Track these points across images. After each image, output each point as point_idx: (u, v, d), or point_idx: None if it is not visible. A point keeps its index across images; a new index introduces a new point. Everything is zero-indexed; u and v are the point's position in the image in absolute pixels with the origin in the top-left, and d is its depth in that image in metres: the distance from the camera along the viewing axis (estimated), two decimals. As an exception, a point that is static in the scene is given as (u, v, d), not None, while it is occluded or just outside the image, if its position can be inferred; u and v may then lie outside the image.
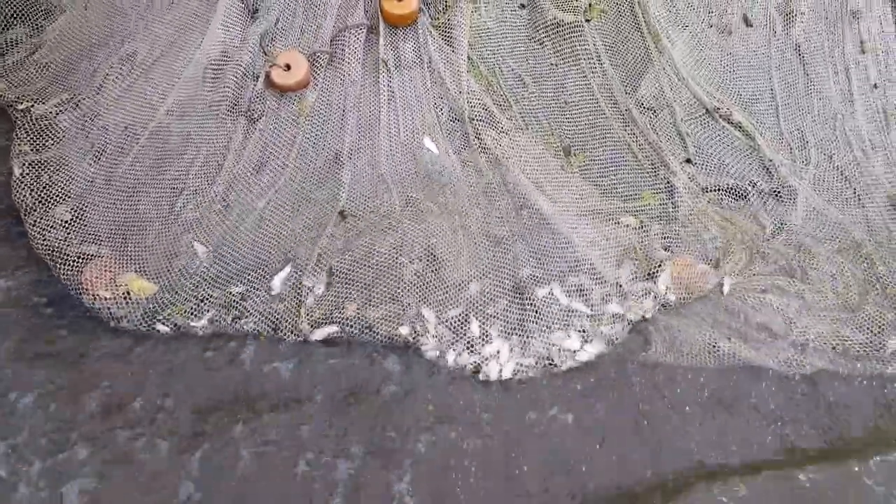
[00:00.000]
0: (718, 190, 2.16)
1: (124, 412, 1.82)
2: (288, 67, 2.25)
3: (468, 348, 1.89)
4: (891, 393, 1.93)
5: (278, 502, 1.70)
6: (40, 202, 2.10)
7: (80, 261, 2.04)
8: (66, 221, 2.10)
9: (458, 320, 1.93)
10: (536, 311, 1.93)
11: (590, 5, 2.35)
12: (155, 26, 2.36)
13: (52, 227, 2.08)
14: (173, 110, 2.24)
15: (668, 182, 2.16)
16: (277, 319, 1.93)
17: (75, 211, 2.11)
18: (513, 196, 2.14)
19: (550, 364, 1.90)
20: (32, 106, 2.24)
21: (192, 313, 1.96)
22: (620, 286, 2.00)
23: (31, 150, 2.19)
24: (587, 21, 2.34)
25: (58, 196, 2.11)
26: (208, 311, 1.96)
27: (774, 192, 2.16)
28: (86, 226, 2.10)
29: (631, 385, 1.92)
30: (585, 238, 2.07)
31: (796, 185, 2.16)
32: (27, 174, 2.12)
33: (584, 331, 1.93)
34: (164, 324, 1.96)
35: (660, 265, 2.02)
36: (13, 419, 1.79)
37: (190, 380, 1.89)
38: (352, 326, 1.91)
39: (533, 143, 2.24)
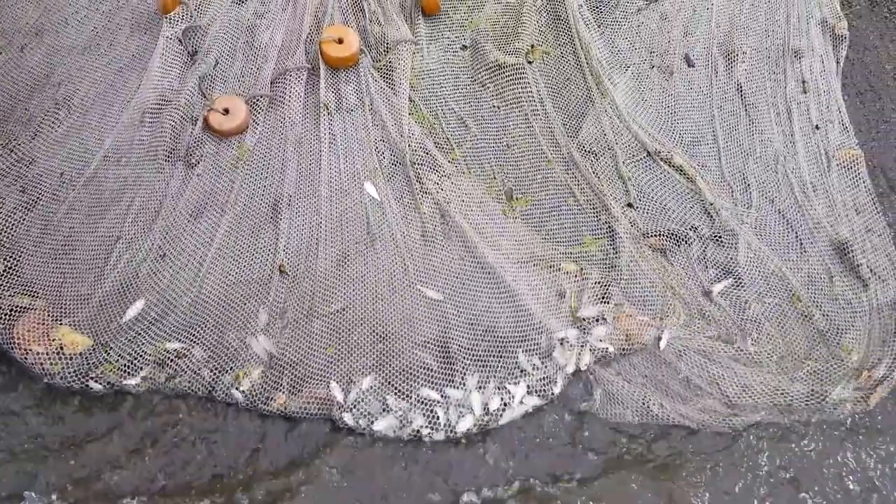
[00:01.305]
0: (660, 235, 2.15)
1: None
2: (226, 111, 2.22)
3: (407, 415, 1.88)
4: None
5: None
6: (-29, 253, 2.07)
7: (13, 313, 2.01)
8: (-1, 272, 2.06)
9: (391, 388, 1.92)
10: (473, 368, 1.93)
11: (532, 47, 2.33)
12: (92, 69, 2.32)
13: (-17, 278, 2.05)
14: (110, 156, 2.21)
15: (609, 227, 2.15)
16: (213, 381, 1.91)
17: (8, 261, 2.07)
18: (453, 244, 2.12)
19: (489, 419, 1.89)
20: (-35, 153, 2.20)
21: (125, 371, 1.93)
22: (560, 337, 1.98)
23: (-37, 198, 2.14)
24: (529, 63, 2.32)
25: (-10, 246, 2.08)
26: (142, 368, 1.93)
27: (715, 236, 2.16)
28: (20, 277, 2.06)
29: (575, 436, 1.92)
30: (526, 286, 2.06)
31: (737, 229, 2.16)
32: (-42, 224, 2.08)
33: (521, 384, 1.92)
34: (97, 381, 1.93)
35: (601, 315, 2.01)
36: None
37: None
38: (279, 415, 1.90)
39: (475, 187, 2.22)
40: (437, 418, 1.88)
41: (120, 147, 2.22)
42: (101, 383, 1.92)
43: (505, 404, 1.89)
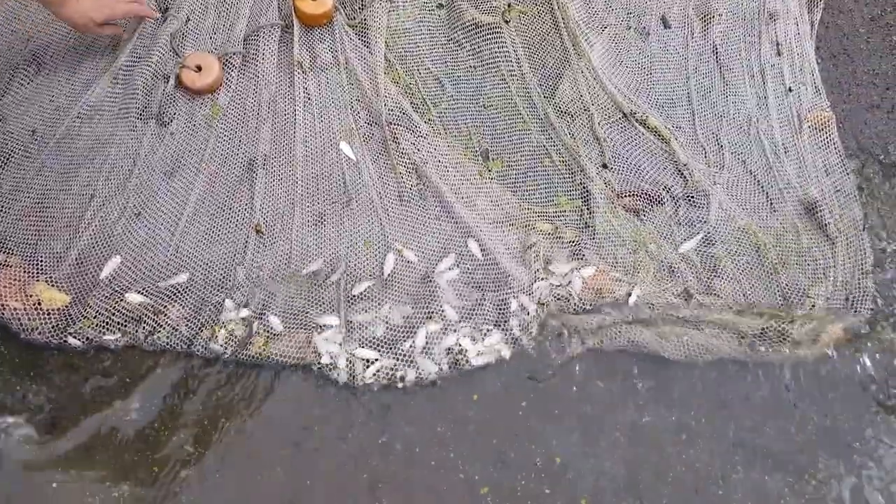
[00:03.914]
0: (633, 195, 2.18)
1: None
2: (199, 69, 2.19)
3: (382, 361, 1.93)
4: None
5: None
6: (-58, 210, 2.05)
7: (-13, 271, 2.00)
8: (-29, 230, 2.05)
9: (377, 335, 1.97)
10: (447, 320, 1.97)
11: (509, 6, 2.31)
12: (61, 23, 2.27)
13: (-45, 236, 2.03)
14: (82, 113, 2.18)
15: (584, 187, 2.17)
16: (192, 336, 1.93)
17: (-20, 219, 2.06)
18: (429, 204, 2.13)
19: (461, 363, 1.94)
20: (-66, 111, 2.16)
21: (104, 326, 1.95)
22: (533, 292, 2.02)
23: (-66, 157, 2.12)
24: (506, 22, 2.30)
25: (-39, 204, 2.06)
26: (121, 324, 1.94)
27: (688, 197, 2.19)
28: (-8, 234, 2.06)
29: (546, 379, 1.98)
30: (502, 245, 2.09)
31: (710, 189, 2.19)
32: (-73, 182, 2.05)
33: (494, 333, 1.97)
34: (75, 337, 1.94)
35: (574, 272, 2.05)
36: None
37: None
38: (258, 360, 1.93)
39: (451, 148, 2.23)
40: (410, 360, 1.92)
41: (92, 105, 2.19)
42: (79, 339, 1.94)
43: (478, 353, 1.93)
